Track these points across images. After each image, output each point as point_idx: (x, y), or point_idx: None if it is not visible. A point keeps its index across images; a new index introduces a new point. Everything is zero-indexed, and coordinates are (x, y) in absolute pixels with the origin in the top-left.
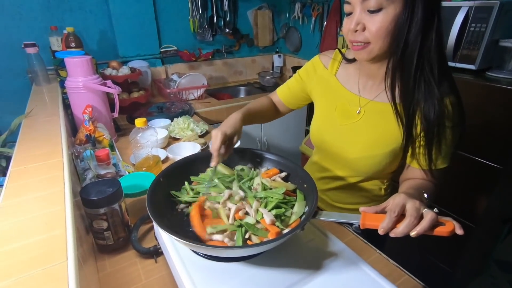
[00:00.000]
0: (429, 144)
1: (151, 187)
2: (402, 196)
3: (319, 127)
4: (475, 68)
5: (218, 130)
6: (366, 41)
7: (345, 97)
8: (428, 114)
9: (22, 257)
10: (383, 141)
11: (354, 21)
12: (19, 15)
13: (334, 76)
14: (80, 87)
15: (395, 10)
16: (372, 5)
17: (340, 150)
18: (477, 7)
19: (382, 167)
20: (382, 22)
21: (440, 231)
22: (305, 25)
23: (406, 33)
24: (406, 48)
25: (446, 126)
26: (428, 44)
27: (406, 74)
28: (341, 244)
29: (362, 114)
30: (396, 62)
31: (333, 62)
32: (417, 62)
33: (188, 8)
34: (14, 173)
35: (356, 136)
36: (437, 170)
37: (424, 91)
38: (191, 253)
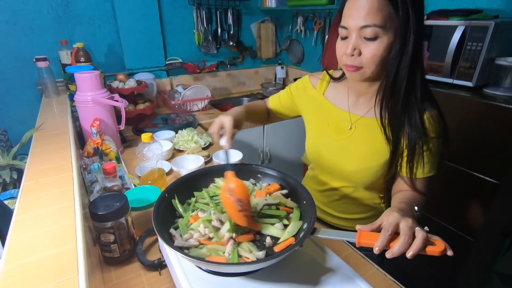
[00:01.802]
0: (413, 155)
1: (156, 204)
2: (396, 214)
3: (315, 144)
4: (472, 85)
5: (227, 115)
6: (360, 65)
7: (336, 115)
8: (410, 131)
9: (37, 271)
10: (377, 153)
11: (351, 46)
12: (31, 30)
13: (322, 95)
14: (88, 101)
15: (389, 39)
16: (369, 33)
17: (337, 164)
18: (473, 27)
19: (379, 177)
20: (377, 50)
21: (432, 251)
22: (307, 38)
23: (399, 61)
24: (398, 74)
25: (431, 137)
26: (415, 70)
27: (396, 97)
28: (339, 259)
29: (354, 129)
30: (389, 86)
31: (322, 82)
32: (406, 86)
33: (193, 22)
34: (27, 187)
35: (351, 150)
36: (425, 178)
37: (409, 111)
38: (195, 267)
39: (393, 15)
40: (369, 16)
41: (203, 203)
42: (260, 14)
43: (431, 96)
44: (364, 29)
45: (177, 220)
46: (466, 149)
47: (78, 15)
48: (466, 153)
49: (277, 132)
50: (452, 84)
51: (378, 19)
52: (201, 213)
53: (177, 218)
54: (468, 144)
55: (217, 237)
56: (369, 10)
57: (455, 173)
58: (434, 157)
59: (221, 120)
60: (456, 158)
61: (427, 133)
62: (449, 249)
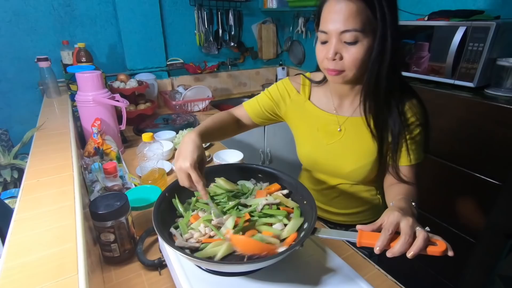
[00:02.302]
0: (398, 146)
1: (156, 204)
2: (396, 214)
3: (308, 151)
4: (474, 85)
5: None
6: (342, 69)
7: (324, 118)
8: (394, 125)
9: (37, 270)
10: (369, 150)
11: (332, 51)
12: (33, 30)
13: (308, 101)
14: (90, 101)
15: (369, 42)
16: (349, 38)
17: (333, 167)
18: (474, 28)
19: (375, 173)
20: (358, 53)
21: (433, 251)
22: (308, 39)
23: (379, 62)
24: (379, 75)
25: (415, 125)
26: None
27: (378, 96)
28: (339, 260)
29: (344, 130)
30: (371, 87)
31: (303, 87)
32: (387, 85)
33: (194, 23)
34: (27, 186)
35: (345, 152)
36: (412, 167)
37: (390, 107)
38: (194, 266)
39: (371, 18)
40: (349, 21)
41: (203, 203)
42: (261, 15)
43: (409, 88)
44: (344, 34)
45: (177, 219)
46: (468, 150)
47: (80, 15)
48: (468, 154)
49: (277, 132)
50: (454, 85)
51: (357, 23)
52: (201, 213)
53: (177, 218)
54: (470, 145)
55: (219, 234)
56: (348, 15)
57: (457, 174)
58: (419, 144)
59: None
60: (457, 159)
61: (409, 123)
62: (450, 250)
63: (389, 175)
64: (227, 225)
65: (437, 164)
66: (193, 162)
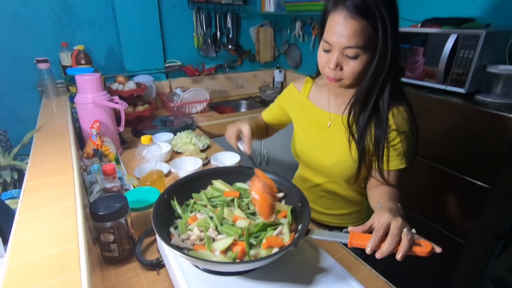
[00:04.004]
0: (380, 150)
1: (156, 204)
2: (387, 215)
3: (299, 141)
4: (465, 91)
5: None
6: (340, 78)
7: (317, 114)
8: (376, 129)
9: (41, 268)
10: (352, 148)
11: (333, 63)
12: (32, 32)
13: (307, 98)
14: (89, 103)
15: (368, 58)
16: (350, 53)
17: (317, 159)
18: (465, 35)
19: (354, 172)
20: (357, 67)
21: (420, 251)
22: (305, 42)
23: (376, 76)
24: (373, 86)
25: (399, 132)
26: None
27: (366, 102)
28: (332, 260)
29: (333, 126)
30: (363, 95)
31: (305, 85)
32: (378, 93)
33: (192, 25)
34: (28, 187)
35: (329, 146)
36: (396, 171)
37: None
38: (192, 266)
39: (373, 36)
40: (352, 38)
41: (201, 205)
42: (259, 18)
43: (402, 93)
44: (346, 49)
45: (175, 220)
46: (459, 154)
47: (79, 17)
48: (458, 157)
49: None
50: (445, 90)
51: (359, 41)
52: (199, 215)
53: (175, 219)
54: (461, 149)
55: (209, 248)
56: (352, 33)
57: (447, 177)
58: (404, 150)
59: (238, 126)
60: (448, 162)
61: (394, 129)
62: (437, 247)
63: (372, 178)
64: (219, 246)
65: (429, 167)
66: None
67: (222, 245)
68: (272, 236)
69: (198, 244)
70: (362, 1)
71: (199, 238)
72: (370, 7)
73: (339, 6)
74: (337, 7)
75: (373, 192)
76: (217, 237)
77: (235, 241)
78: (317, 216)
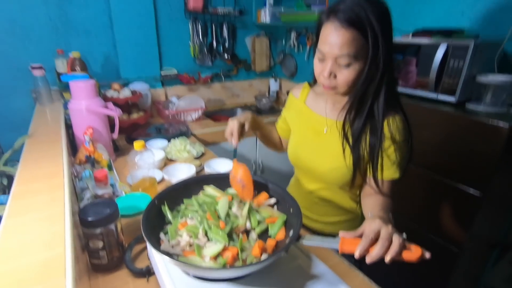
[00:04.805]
0: (374, 159)
1: (146, 210)
2: (377, 221)
3: (295, 146)
4: (455, 100)
5: (235, 118)
6: (335, 86)
7: (314, 120)
8: (371, 137)
9: (23, 275)
10: (347, 154)
11: (327, 71)
12: (28, 39)
13: (304, 103)
14: (82, 109)
15: (361, 66)
16: (343, 62)
17: (312, 163)
18: (454, 45)
19: (349, 178)
20: (350, 76)
21: (409, 257)
22: (300, 52)
23: (367, 84)
24: (365, 94)
25: (393, 141)
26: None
27: (361, 110)
28: (324, 266)
29: (329, 132)
30: (356, 102)
31: (303, 91)
32: (372, 101)
33: (189, 35)
34: (17, 192)
35: (324, 151)
36: (389, 181)
37: (371, 121)
38: (182, 273)
39: (365, 45)
40: (343, 47)
41: (192, 210)
42: (255, 28)
43: (397, 103)
44: (339, 58)
45: (165, 226)
46: (451, 162)
47: (76, 25)
48: (450, 165)
49: None
50: (437, 100)
51: (351, 50)
52: (189, 220)
53: (165, 225)
54: (452, 157)
55: (198, 254)
56: (343, 42)
57: (440, 185)
58: (398, 160)
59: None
60: (441, 170)
61: (389, 137)
62: (426, 252)
63: (367, 185)
64: (209, 252)
65: (421, 175)
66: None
67: (212, 251)
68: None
69: (188, 250)
70: (353, 12)
71: (189, 244)
72: (360, 18)
73: (331, 18)
74: (329, 18)
75: (366, 201)
76: (205, 244)
77: (225, 247)
78: (310, 223)
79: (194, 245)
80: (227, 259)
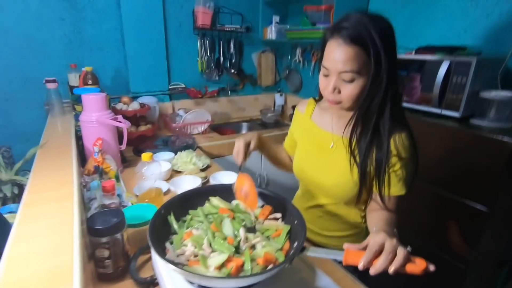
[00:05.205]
0: (381, 176)
1: (152, 219)
2: (382, 234)
3: (300, 161)
4: (459, 115)
5: (241, 138)
6: (340, 101)
7: (320, 135)
8: (377, 154)
9: (32, 281)
10: (353, 170)
11: (331, 86)
12: (43, 53)
13: (310, 119)
14: (93, 121)
15: (364, 81)
16: (346, 77)
17: (317, 178)
18: (457, 62)
19: (355, 193)
20: (354, 91)
21: (413, 269)
22: (305, 68)
23: (371, 99)
24: (369, 109)
25: (399, 159)
26: (386, 103)
27: (366, 126)
28: (328, 280)
29: (335, 148)
30: (358, 116)
31: (308, 106)
32: (376, 117)
33: (197, 50)
34: (28, 200)
35: (330, 166)
36: (395, 197)
37: (377, 137)
38: (187, 284)
39: (368, 61)
40: (347, 63)
41: (198, 221)
42: (261, 44)
43: (403, 120)
44: (342, 74)
45: (171, 236)
46: (455, 177)
47: (89, 41)
48: (455, 180)
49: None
50: (441, 115)
51: (354, 66)
52: (195, 230)
53: (171, 234)
54: (457, 172)
55: (203, 264)
56: (347, 58)
57: (445, 200)
58: (403, 177)
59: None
60: (446, 186)
61: (395, 154)
62: (431, 264)
63: (372, 201)
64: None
65: (426, 190)
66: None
67: (216, 261)
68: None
69: (193, 260)
70: (356, 30)
71: (194, 254)
72: (363, 35)
73: (335, 35)
74: (333, 35)
75: (372, 216)
76: (210, 254)
77: (229, 257)
78: (314, 237)
79: (199, 255)
80: (231, 269)
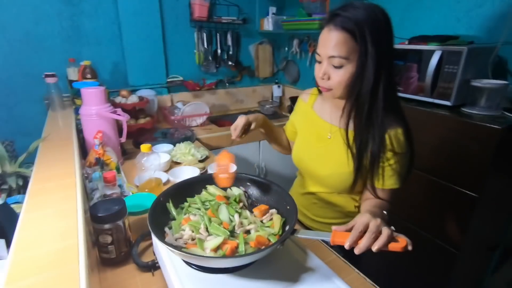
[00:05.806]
0: (375, 168)
1: (152, 206)
2: (367, 215)
3: (299, 149)
4: (451, 104)
5: (244, 116)
6: (330, 88)
7: (320, 125)
8: (372, 146)
9: (41, 262)
10: (348, 161)
11: (322, 71)
12: (42, 48)
13: (311, 109)
14: (93, 115)
15: (353, 68)
16: (335, 62)
17: (314, 168)
18: (449, 51)
19: (349, 184)
20: (342, 77)
21: (394, 247)
22: (303, 59)
23: (359, 88)
24: (359, 98)
25: (395, 153)
26: (377, 92)
27: (358, 117)
28: (318, 260)
29: (332, 138)
30: (351, 106)
31: (311, 96)
32: (368, 108)
33: (194, 43)
34: (33, 190)
35: (327, 157)
36: (389, 190)
37: (372, 129)
38: (185, 266)
39: (356, 48)
40: (336, 48)
41: (195, 208)
42: (258, 36)
43: (400, 113)
44: (331, 58)
45: (170, 222)
46: (447, 164)
47: (87, 35)
48: (447, 167)
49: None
50: (433, 103)
51: (342, 51)
52: (192, 216)
53: (170, 220)
54: (449, 160)
55: (200, 246)
56: (335, 43)
57: (437, 186)
58: (398, 171)
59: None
60: (438, 172)
61: (390, 149)
62: (410, 244)
63: (366, 191)
64: (210, 245)
65: (418, 177)
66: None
67: (212, 244)
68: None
69: (190, 243)
70: (346, 17)
71: (191, 238)
72: (351, 22)
73: (329, 22)
74: (327, 23)
75: (365, 203)
76: (206, 238)
77: (225, 240)
78: (309, 222)
79: (196, 238)
80: (226, 250)
